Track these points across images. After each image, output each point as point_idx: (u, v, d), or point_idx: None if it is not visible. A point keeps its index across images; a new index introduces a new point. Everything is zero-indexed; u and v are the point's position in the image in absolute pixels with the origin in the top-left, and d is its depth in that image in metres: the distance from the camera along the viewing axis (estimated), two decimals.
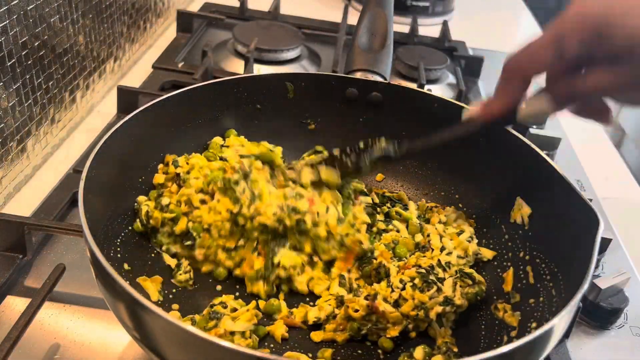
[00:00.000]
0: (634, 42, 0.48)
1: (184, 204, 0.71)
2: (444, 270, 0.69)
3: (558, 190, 0.66)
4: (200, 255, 0.70)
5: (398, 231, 0.77)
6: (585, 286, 0.53)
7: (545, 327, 0.49)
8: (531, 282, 0.67)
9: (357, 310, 0.64)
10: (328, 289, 0.70)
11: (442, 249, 0.73)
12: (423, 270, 0.67)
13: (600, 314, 0.75)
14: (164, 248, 0.71)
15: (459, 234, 0.75)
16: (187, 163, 0.75)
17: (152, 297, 0.66)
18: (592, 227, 0.59)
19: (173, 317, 0.50)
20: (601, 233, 0.58)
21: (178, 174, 0.74)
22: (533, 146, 0.72)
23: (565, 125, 1.18)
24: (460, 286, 0.67)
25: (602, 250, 0.85)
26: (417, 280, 0.67)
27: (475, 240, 0.74)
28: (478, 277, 0.69)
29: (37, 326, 0.65)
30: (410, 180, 0.85)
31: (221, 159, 0.78)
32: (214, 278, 0.71)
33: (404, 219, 0.79)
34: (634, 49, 0.48)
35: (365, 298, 0.65)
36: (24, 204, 0.82)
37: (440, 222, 0.78)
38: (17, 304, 0.67)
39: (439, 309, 0.64)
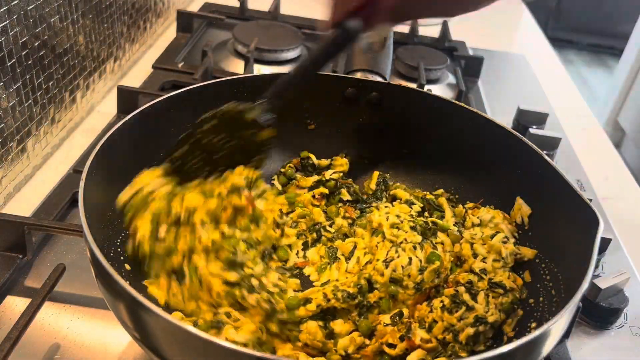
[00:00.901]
0: None
1: (184, 241, 0.63)
2: (480, 279, 0.65)
3: (558, 190, 0.66)
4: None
5: (442, 243, 0.72)
6: (585, 286, 0.53)
7: (545, 327, 0.49)
8: (527, 280, 0.67)
9: (391, 345, 0.61)
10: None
11: (475, 255, 0.69)
12: (462, 288, 0.64)
13: (600, 314, 0.75)
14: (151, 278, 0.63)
15: (493, 235, 0.70)
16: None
17: (160, 301, 0.64)
18: (592, 227, 0.59)
19: (173, 317, 0.50)
20: (601, 233, 0.58)
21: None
22: (533, 146, 0.72)
23: (565, 125, 1.18)
24: (493, 297, 0.64)
25: (602, 250, 0.85)
26: (446, 300, 0.63)
27: (512, 240, 0.70)
28: (509, 283, 0.65)
29: (37, 326, 0.65)
30: (410, 180, 0.85)
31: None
32: None
33: (442, 228, 0.74)
34: None
35: (400, 338, 0.61)
36: (24, 204, 0.82)
37: (474, 224, 0.74)
38: (17, 304, 0.67)
39: (470, 330, 0.60)
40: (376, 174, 0.82)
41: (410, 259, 0.67)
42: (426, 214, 0.78)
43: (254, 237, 0.67)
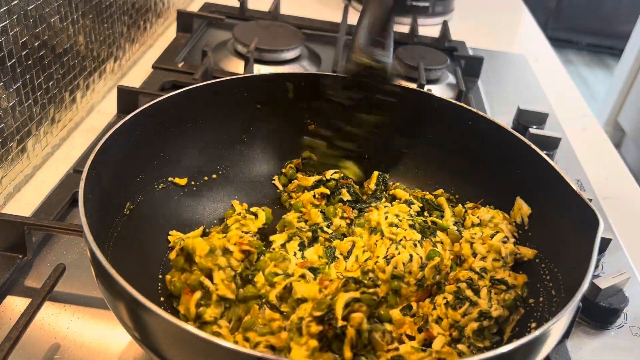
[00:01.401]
0: None
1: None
2: (481, 277, 0.66)
3: (558, 190, 0.66)
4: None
5: (442, 242, 0.73)
6: (585, 286, 0.53)
7: (545, 327, 0.49)
8: (526, 280, 0.67)
9: (409, 338, 0.61)
10: None
11: (475, 254, 0.69)
12: (464, 284, 0.65)
13: (600, 314, 0.75)
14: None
15: (493, 235, 0.70)
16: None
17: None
18: (592, 227, 0.59)
19: (173, 317, 0.50)
20: (601, 233, 0.58)
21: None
22: (533, 146, 0.72)
23: (565, 125, 1.18)
24: (496, 293, 0.64)
25: (602, 250, 0.85)
26: (449, 297, 0.64)
27: (512, 240, 0.70)
28: (512, 280, 0.65)
29: (37, 326, 0.65)
30: (410, 181, 0.85)
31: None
32: None
33: (442, 228, 0.75)
34: None
35: (419, 330, 0.62)
36: (24, 204, 0.82)
37: (473, 224, 0.74)
38: (17, 304, 0.67)
39: (475, 325, 0.61)
40: (376, 174, 0.82)
41: (410, 255, 0.67)
42: (425, 213, 0.78)
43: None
